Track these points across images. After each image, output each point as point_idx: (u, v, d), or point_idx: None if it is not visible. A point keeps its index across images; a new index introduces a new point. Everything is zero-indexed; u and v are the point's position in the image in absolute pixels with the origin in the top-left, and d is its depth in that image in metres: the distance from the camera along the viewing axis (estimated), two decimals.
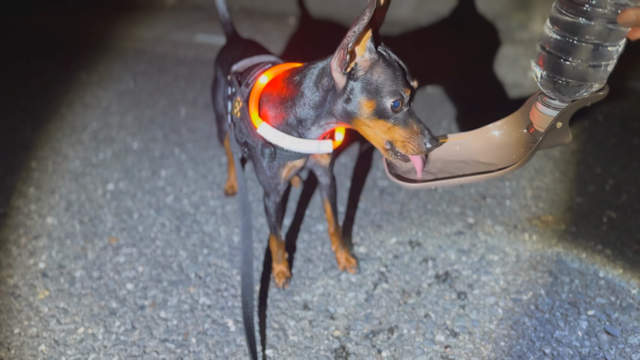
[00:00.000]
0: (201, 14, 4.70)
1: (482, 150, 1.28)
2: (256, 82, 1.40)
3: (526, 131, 1.27)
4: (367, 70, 1.14)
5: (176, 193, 2.17)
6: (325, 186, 1.63)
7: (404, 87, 1.14)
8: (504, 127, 1.29)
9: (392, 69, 1.14)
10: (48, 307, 1.66)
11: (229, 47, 1.84)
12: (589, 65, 1.02)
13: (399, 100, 1.14)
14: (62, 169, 2.40)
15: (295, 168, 1.45)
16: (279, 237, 1.64)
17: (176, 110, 2.88)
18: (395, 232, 1.88)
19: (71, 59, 3.75)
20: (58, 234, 1.98)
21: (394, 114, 1.15)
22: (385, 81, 1.13)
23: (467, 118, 2.64)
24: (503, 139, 1.29)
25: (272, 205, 1.54)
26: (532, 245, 1.78)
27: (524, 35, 3.67)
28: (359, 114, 1.17)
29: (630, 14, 0.86)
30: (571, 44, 1.01)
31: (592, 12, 0.93)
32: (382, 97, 1.13)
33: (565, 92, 1.08)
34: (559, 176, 2.13)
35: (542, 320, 1.50)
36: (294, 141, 1.32)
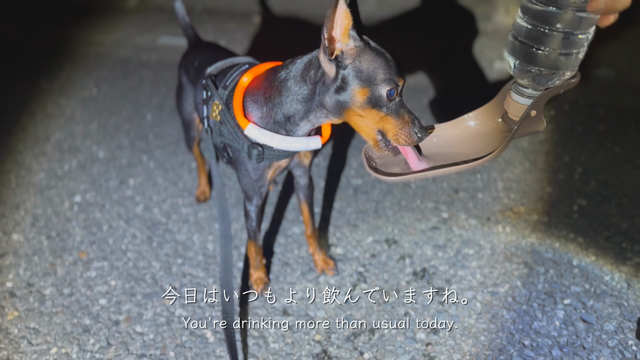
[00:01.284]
0: (163, 16, 4.61)
1: (458, 141, 1.29)
2: (238, 84, 1.37)
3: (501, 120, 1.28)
4: (354, 57, 1.13)
5: (146, 202, 2.12)
6: (303, 187, 1.61)
7: (397, 77, 1.14)
8: (479, 117, 1.30)
9: (384, 58, 1.14)
10: (18, 328, 1.60)
11: (193, 52, 1.80)
12: (560, 54, 1.03)
13: (394, 89, 1.13)
14: (26, 182, 2.32)
15: (280, 168, 1.43)
16: (258, 242, 1.62)
17: (142, 116, 2.82)
18: (371, 231, 1.87)
19: (30, 67, 3.63)
20: (25, 250, 1.91)
21: (387, 102, 1.14)
22: (378, 69, 1.13)
23: (438, 111, 2.66)
24: (479, 128, 1.29)
25: (254, 209, 1.52)
26: (506, 237, 1.80)
27: (487, 27, 3.71)
28: (352, 102, 1.15)
29: (599, 1, 0.87)
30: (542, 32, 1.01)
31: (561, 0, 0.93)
32: (376, 84, 1.12)
33: (538, 81, 1.09)
34: (529, 166, 2.16)
35: (520, 312, 1.51)
36: (283, 139, 1.30)
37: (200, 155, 2.05)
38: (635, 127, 2.43)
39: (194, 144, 1.92)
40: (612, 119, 2.50)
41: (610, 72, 2.92)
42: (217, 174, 1.48)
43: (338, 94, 1.17)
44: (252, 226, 1.56)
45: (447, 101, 2.76)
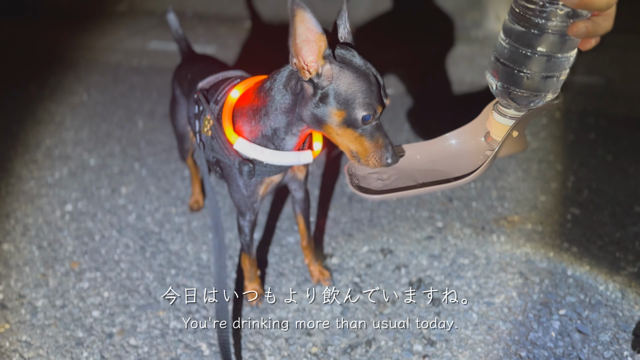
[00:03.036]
0: (154, 20, 4.59)
1: (440, 159, 1.29)
2: (227, 97, 1.35)
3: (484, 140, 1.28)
4: (332, 80, 1.12)
5: (138, 211, 2.10)
6: (299, 200, 1.60)
7: (377, 102, 1.13)
8: (461, 135, 1.30)
9: (367, 82, 1.12)
10: (9, 341, 1.58)
11: (186, 64, 1.78)
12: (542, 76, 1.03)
13: (371, 115, 1.12)
14: (16, 190, 2.29)
15: (272, 184, 1.42)
16: (252, 255, 1.61)
17: (133, 122, 2.80)
18: (366, 240, 1.87)
19: (19, 72, 3.59)
20: (15, 261, 1.88)
21: (362, 125, 1.13)
22: (357, 92, 1.11)
23: (430, 119, 2.66)
24: (460, 147, 1.29)
25: (248, 224, 1.51)
26: (501, 246, 1.80)
27: (478, 34, 3.74)
28: (328, 120, 1.15)
29: (579, 26, 0.88)
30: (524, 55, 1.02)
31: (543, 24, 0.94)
32: (353, 108, 1.12)
33: (520, 102, 1.10)
34: (522, 175, 2.17)
35: (516, 322, 1.52)
36: (274, 154, 1.28)
37: (194, 164, 2.03)
38: (626, 135, 2.45)
39: (188, 156, 1.91)
40: (603, 127, 2.52)
41: (601, 80, 2.95)
42: (210, 188, 1.46)
43: (315, 110, 1.15)
44: (246, 240, 1.56)
45: (440, 108, 2.77)
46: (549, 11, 0.89)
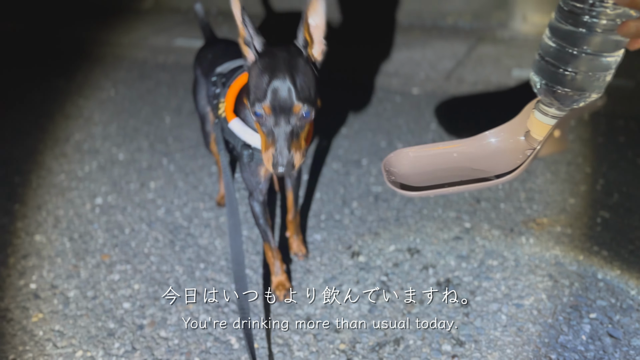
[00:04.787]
0: (179, 17, 4.63)
1: (478, 157, 1.29)
2: (234, 82, 1.42)
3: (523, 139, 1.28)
4: (250, 66, 1.20)
5: (167, 205, 2.13)
6: (291, 180, 1.70)
7: (263, 102, 1.12)
8: (500, 134, 1.29)
9: (264, 79, 1.13)
10: (43, 331, 1.61)
11: (207, 46, 1.85)
12: (588, 76, 1.02)
13: (261, 114, 1.14)
14: (46, 183, 2.33)
15: None
16: (271, 243, 1.63)
17: (161, 118, 2.83)
18: (393, 239, 1.87)
19: (47, 67, 3.66)
20: (48, 252, 1.92)
21: (261, 121, 1.16)
22: (253, 87, 1.16)
23: (455, 119, 2.65)
24: (499, 146, 1.29)
25: (256, 204, 1.55)
26: (530, 248, 1.79)
27: (504, 34, 3.71)
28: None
29: (630, 25, 0.87)
30: (570, 54, 1.01)
31: (592, 23, 0.93)
32: (249, 99, 1.17)
33: (563, 102, 1.09)
34: (550, 177, 2.15)
35: (546, 325, 1.51)
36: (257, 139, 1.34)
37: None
38: None
39: (211, 140, 1.93)
40: (633, 130, 2.49)
41: (630, 82, 2.91)
42: (226, 168, 1.47)
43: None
44: (261, 224, 1.59)
45: (466, 109, 2.76)
46: (599, 10, 0.89)
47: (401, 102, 2.84)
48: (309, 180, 2.24)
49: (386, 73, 3.19)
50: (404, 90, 2.98)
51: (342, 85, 3.05)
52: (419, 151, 1.26)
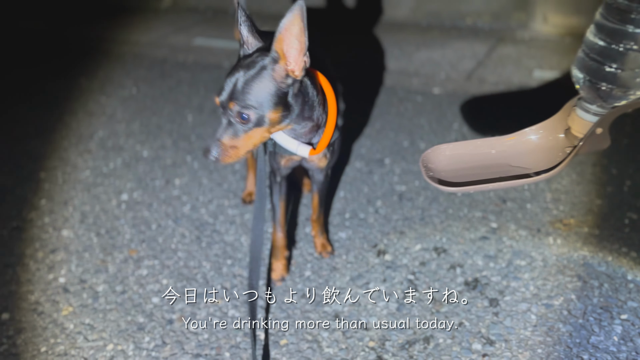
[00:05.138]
0: (197, 17, 4.65)
1: (517, 154, 1.29)
2: None
3: (563, 136, 1.27)
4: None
5: (193, 202, 2.14)
6: (317, 182, 1.70)
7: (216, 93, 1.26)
8: (540, 131, 1.29)
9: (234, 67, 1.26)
10: (73, 324, 1.63)
11: None
12: (633, 73, 1.02)
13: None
14: (72, 179, 2.36)
15: (292, 160, 1.52)
16: (277, 225, 1.69)
17: (183, 116, 2.85)
18: (419, 238, 1.87)
19: (69, 65, 3.69)
20: (75, 247, 1.94)
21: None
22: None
23: (478, 120, 2.64)
24: (539, 143, 1.29)
25: (274, 182, 1.63)
26: (558, 249, 1.78)
27: (524, 35, 3.69)
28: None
29: None
30: (616, 51, 1.01)
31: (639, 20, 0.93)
32: None
33: (606, 99, 1.08)
34: (576, 178, 2.14)
35: (577, 325, 1.50)
36: (280, 135, 1.39)
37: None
38: None
39: None
40: None
41: None
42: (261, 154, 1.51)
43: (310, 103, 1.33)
44: (273, 201, 1.66)
45: (487, 109, 2.75)
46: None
47: (422, 101, 2.84)
48: (332, 178, 2.24)
49: (406, 73, 3.18)
50: (424, 90, 2.97)
51: (362, 84, 3.05)
52: (456, 148, 1.26)
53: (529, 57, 3.30)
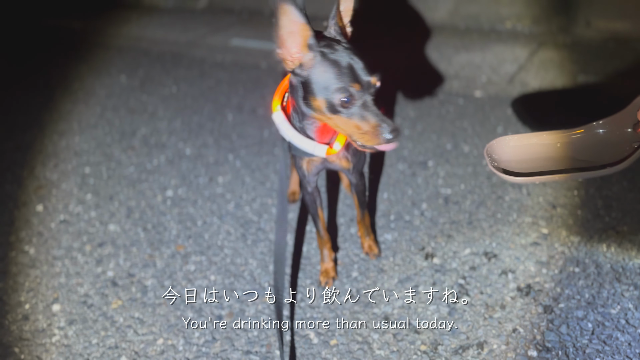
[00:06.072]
0: (233, 18, 4.69)
1: (582, 148, 1.27)
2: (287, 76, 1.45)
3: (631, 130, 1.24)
4: (310, 69, 1.20)
5: (236, 200, 2.15)
6: (353, 184, 1.67)
7: (351, 83, 1.18)
8: (607, 125, 1.27)
9: (337, 66, 1.18)
10: (123, 317, 1.64)
11: None
12: None
13: (349, 97, 1.18)
14: (117, 175, 2.38)
15: (314, 163, 1.50)
16: (320, 232, 1.68)
17: (223, 115, 2.86)
18: (467, 243, 1.84)
19: (109, 63, 3.75)
20: (122, 241, 1.96)
21: (345, 109, 1.19)
22: (330, 79, 1.18)
23: (522, 123, 2.60)
24: (606, 137, 1.26)
25: (306, 195, 1.61)
26: (612, 256, 1.74)
27: (567, 39, 3.63)
28: (315, 110, 1.24)
29: None
30: None
31: None
32: (330, 93, 1.19)
33: None
34: (627, 185, 2.08)
35: (635, 335, 1.46)
36: (295, 136, 1.37)
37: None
38: None
39: None
40: None
41: None
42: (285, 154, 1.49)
43: (304, 102, 1.25)
44: (310, 213, 1.66)
45: (531, 113, 2.71)
46: None
47: (464, 104, 2.80)
48: (374, 180, 2.23)
49: (446, 76, 3.15)
50: (465, 93, 2.94)
51: (402, 87, 3.03)
52: (522, 139, 1.25)
53: (572, 61, 3.24)
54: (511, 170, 1.20)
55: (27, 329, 1.63)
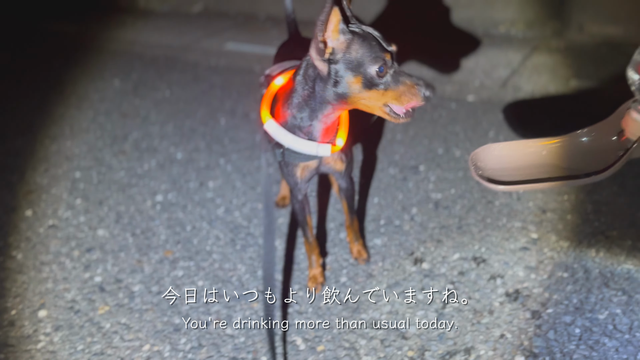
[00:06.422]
0: (228, 22, 4.69)
1: (568, 156, 1.27)
2: (271, 83, 1.45)
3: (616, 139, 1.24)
4: (344, 50, 1.22)
5: (226, 205, 2.14)
6: (343, 189, 1.67)
7: (382, 52, 1.22)
8: (592, 133, 1.27)
9: (367, 40, 1.22)
10: (110, 323, 1.63)
11: (286, 43, 1.84)
12: None
13: (382, 65, 1.21)
14: (107, 179, 2.38)
15: (309, 168, 1.48)
16: (309, 239, 1.66)
17: (216, 119, 2.86)
18: (456, 248, 1.84)
19: (102, 67, 3.75)
20: (111, 246, 1.95)
21: (381, 79, 1.22)
22: (364, 53, 1.21)
23: (514, 128, 2.60)
24: (591, 145, 1.27)
25: (296, 202, 1.59)
26: (601, 261, 1.74)
27: (560, 44, 3.63)
28: (350, 91, 1.24)
29: None
30: None
31: None
32: (365, 68, 1.21)
33: None
34: (617, 189, 2.08)
35: (623, 341, 1.45)
36: (295, 141, 1.36)
37: None
38: None
39: None
40: None
41: None
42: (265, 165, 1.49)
43: (336, 87, 1.25)
44: (299, 220, 1.64)
45: (524, 118, 2.71)
46: None
47: (456, 109, 2.81)
48: (365, 184, 2.22)
49: (439, 80, 3.15)
50: (458, 97, 2.94)
51: None
52: (506, 147, 1.25)
53: (565, 66, 3.24)
54: (496, 179, 1.20)
55: (13, 335, 1.62)
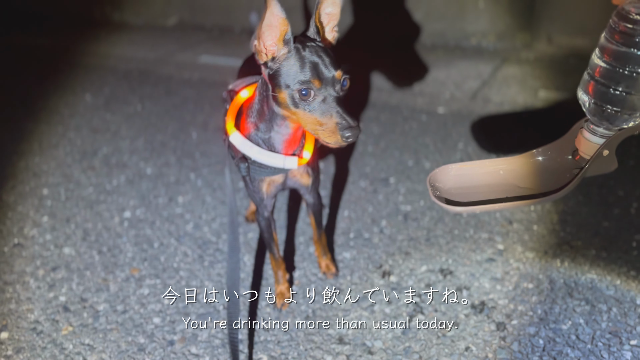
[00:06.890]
0: (203, 35, 4.68)
1: (525, 175, 1.28)
2: (236, 96, 1.46)
3: (571, 157, 1.26)
4: (281, 63, 1.22)
5: (196, 220, 2.12)
6: (310, 205, 1.67)
7: (312, 78, 1.20)
8: (548, 152, 1.29)
9: (302, 62, 1.21)
10: (73, 344, 1.60)
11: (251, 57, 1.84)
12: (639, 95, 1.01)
13: (307, 90, 1.20)
14: (75, 196, 2.35)
15: (274, 183, 1.48)
16: (275, 255, 1.66)
17: (187, 134, 2.84)
18: (424, 260, 1.85)
19: (74, 81, 3.71)
20: (77, 265, 1.92)
21: (305, 103, 1.21)
22: (294, 72, 1.21)
23: (483, 139, 2.63)
24: (547, 164, 1.28)
25: (262, 219, 1.58)
26: (565, 271, 1.76)
27: (529, 55, 3.70)
28: (281, 105, 1.25)
29: None
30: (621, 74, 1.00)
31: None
32: (290, 87, 1.21)
33: (613, 121, 1.07)
34: (583, 200, 2.12)
35: (585, 351, 1.47)
36: (261, 153, 1.36)
37: None
38: None
39: None
40: None
41: None
42: (229, 182, 1.51)
43: (274, 100, 1.26)
44: (265, 238, 1.63)
45: (492, 129, 2.74)
46: None
47: (427, 121, 2.83)
48: (336, 197, 2.23)
49: (411, 92, 3.19)
50: (429, 109, 2.97)
51: (366, 103, 3.05)
52: (464, 167, 1.25)
53: (534, 77, 3.30)
54: (453, 199, 1.21)
55: None
